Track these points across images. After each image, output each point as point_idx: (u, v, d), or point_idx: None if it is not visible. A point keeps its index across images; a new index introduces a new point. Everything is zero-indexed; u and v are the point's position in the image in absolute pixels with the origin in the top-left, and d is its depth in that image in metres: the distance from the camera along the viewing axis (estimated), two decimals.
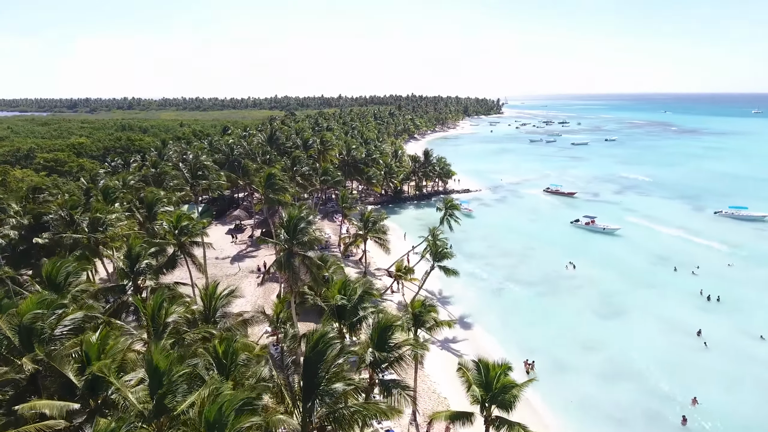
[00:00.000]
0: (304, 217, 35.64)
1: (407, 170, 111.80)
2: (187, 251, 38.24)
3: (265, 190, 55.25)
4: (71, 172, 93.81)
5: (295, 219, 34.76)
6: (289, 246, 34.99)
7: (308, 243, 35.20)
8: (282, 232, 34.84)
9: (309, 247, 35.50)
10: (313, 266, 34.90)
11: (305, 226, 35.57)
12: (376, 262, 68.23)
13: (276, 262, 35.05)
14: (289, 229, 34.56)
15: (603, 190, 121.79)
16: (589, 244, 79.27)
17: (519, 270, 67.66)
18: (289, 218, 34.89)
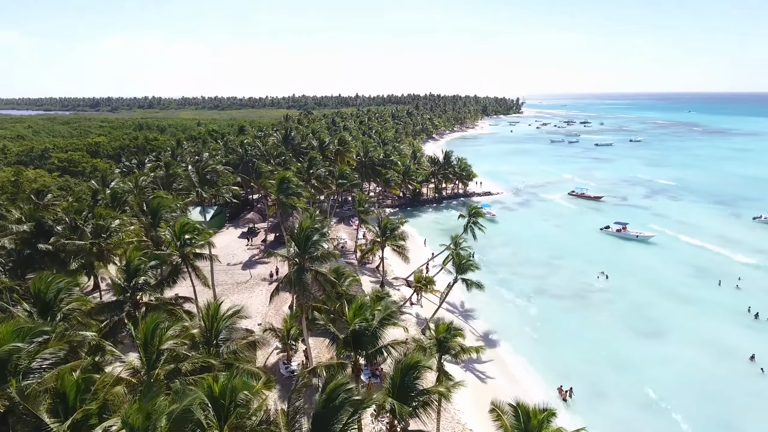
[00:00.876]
0: (317, 229, 32.36)
1: (426, 172, 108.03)
2: (191, 264, 35.29)
3: (278, 194, 52.19)
4: (85, 173, 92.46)
5: (306, 230, 31.50)
6: (300, 260, 31.76)
7: (321, 257, 31.87)
8: (292, 246, 31.59)
9: (322, 261, 32.18)
10: (327, 283, 31.61)
11: (318, 239, 32.29)
12: (394, 271, 64.81)
13: (286, 277, 31.85)
14: (300, 241, 31.32)
15: (631, 193, 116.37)
16: (621, 252, 74.63)
17: (546, 281, 63.50)
18: (301, 229, 31.64)
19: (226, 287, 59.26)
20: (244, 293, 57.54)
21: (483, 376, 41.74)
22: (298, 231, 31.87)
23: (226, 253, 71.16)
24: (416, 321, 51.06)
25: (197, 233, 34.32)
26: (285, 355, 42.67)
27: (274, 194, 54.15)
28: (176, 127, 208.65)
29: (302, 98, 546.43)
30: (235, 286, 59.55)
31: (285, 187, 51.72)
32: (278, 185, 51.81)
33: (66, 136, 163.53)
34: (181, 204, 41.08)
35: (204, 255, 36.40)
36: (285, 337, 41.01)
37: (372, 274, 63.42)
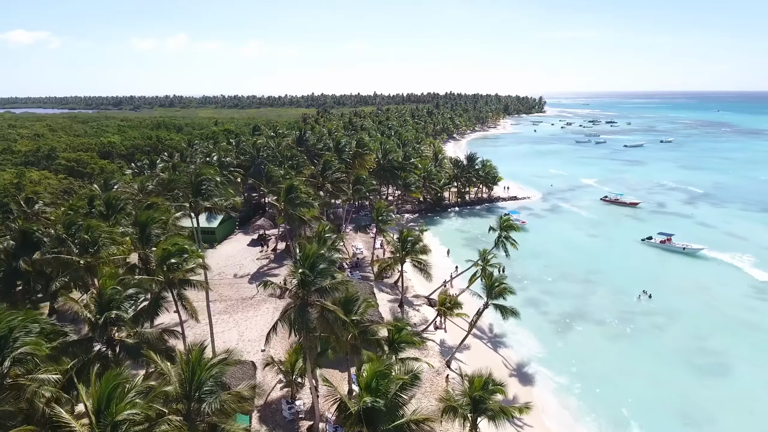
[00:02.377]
0: (324, 255, 26.62)
1: (448, 175, 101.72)
2: (178, 292, 29.98)
3: (285, 204, 46.74)
4: (92, 174, 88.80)
5: (312, 258, 25.85)
6: (303, 295, 26.12)
7: (329, 289, 26.14)
8: (296, 275, 25.91)
9: (331, 293, 26.44)
10: (337, 322, 25.88)
11: (326, 267, 26.57)
12: (415, 287, 58.88)
13: (285, 315, 26.19)
14: (303, 271, 25.66)
15: (668, 200, 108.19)
16: (667, 268, 67.41)
17: (584, 300, 56.84)
18: (305, 256, 26.01)
19: (230, 303, 54.17)
20: (249, 311, 52.32)
21: (519, 424, 35.53)
22: (301, 257, 26.26)
23: (234, 264, 66.28)
24: (440, 349, 45.09)
25: (185, 255, 28.99)
26: (289, 391, 37.21)
27: (280, 204, 48.64)
28: (192, 126, 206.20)
29: (321, 97, 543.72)
30: (240, 302, 54.37)
31: (293, 198, 46.20)
32: (285, 194, 46.31)
33: (81, 135, 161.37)
34: (172, 218, 35.85)
35: (193, 282, 30.97)
36: (289, 372, 35.52)
37: (390, 291, 57.58)
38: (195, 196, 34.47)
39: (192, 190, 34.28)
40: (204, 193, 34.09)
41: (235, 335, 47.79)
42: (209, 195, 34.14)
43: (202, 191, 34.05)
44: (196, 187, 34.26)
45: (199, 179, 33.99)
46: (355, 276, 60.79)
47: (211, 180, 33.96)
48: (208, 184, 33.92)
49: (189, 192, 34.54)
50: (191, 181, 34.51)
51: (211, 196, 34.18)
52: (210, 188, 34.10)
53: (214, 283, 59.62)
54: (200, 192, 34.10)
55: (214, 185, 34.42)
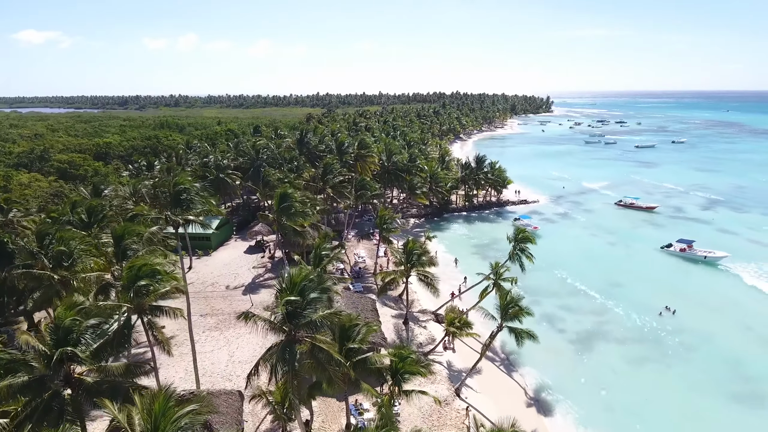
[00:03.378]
0: (315, 281, 22.59)
1: (455, 178, 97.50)
2: (148, 320, 26.08)
3: (277, 214, 42.80)
4: (85, 176, 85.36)
5: (300, 284, 21.88)
6: (289, 329, 22.16)
7: (320, 323, 22.16)
8: (280, 306, 21.93)
9: (322, 328, 22.46)
10: (330, 362, 21.88)
11: (318, 296, 22.59)
12: (421, 301, 54.81)
13: (267, 355, 22.14)
14: (290, 300, 21.72)
15: (686, 204, 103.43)
16: (690, 278, 63.02)
17: (605, 317, 52.55)
18: (292, 283, 22.04)
19: (222, 318, 50.36)
20: (241, 327, 48.21)
21: None
22: (287, 284, 22.29)
23: (228, 273, 62.57)
24: (448, 374, 41.04)
25: (159, 276, 25.12)
26: (279, 423, 33.27)
27: (272, 215, 44.66)
28: (195, 126, 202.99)
29: (326, 96, 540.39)
30: (232, 317, 50.42)
31: (286, 206, 42.22)
32: (278, 203, 42.32)
33: (79, 135, 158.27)
34: (148, 232, 31.94)
35: (166, 309, 27.02)
36: (279, 406, 31.57)
37: (394, 305, 53.57)
38: (174, 207, 30.62)
39: (170, 200, 30.44)
40: (183, 203, 30.28)
41: (224, 355, 43.94)
42: (189, 206, 30.33)
43: (182, 202, 30.23)
44: (174, 197, 30.39)
45: (177, 189, 30.09)
46: (356, 287, 56.88)
47: (191, 189, 30.07)
48: (188, 194, 30.08)
49: (167, 203, 30.73)
50: (169, 191, 30.61)
51: (190, 207, 30.37)
52: (190, 198, 30.28)
53: (206, 294, 56.00)
54: (179, 203, 30.30)
55: (194, 194, 30.55)
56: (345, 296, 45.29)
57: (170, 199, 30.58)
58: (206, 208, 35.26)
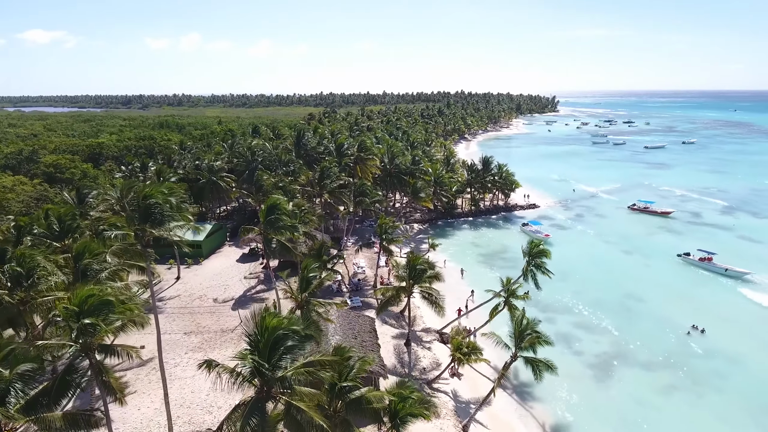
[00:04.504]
0: (290, 333, 17.98)
1: (461, 181, 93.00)
2: (97, 363, 21.75)
3: (264, 226, 38.54)
4: (72, 179, 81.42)
5: (273, 333, 17.53)
6: (260, 385, 17.86)
7: (300, 378, 17.86)
8: (247, 360, 17.63)
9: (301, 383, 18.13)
10: (312, 427, 17.53)
11: (295, 345, 18.26)
12: (424, 317, 50.42)
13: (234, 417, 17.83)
14: (262, 352, 17.44)
15: (703, 208, 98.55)
16: (713, 293, 58.30)
17: (626, 337, 48.02)
18: (263, 330, 17.72)
19: (207, 337, 46.19)
20: (228, 347, 44.21)
21: None
22: (259, 332, 17.97)
23: (218, 284, 58.41)
24: (455, 407, 36.66)
25: (111, 310, 20.86)
26: None
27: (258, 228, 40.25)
28: (195, 125, 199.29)
29: (330, 96, 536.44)
30: (218, 336, 46.37)
31: (273, 219, 37.90)
32: (265, 215, 38.06)
33: (76, 135, 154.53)
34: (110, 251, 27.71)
35: (118, 349, 22.74)
36: None
37: (395, 322, 49.22)
38: (142, 223, 26.42)
39: (139, 215, 26.25)
40: (153, 218, 26.10)
41: (207, 382, 39.69)
42: (161, 221, 26.18)
43: (152, 216, 26.06)
44: (143, 211, 26.19)
45: (147, 202, 25.86)
46: (354, 301, 52.63)
47: (163, 203, 25.83)
48: (160, 208, 25.87)
49: (135, 217, 26.54)
50: (138, 205, 26.38)
51: (162, 223, 26.21)
52: (163, 212, 26.05)
53: (192, 309, 51.85)
54: (149, 218, 26.11)
55: (168, 208, 26.34)
56: (341, 315, 41.09)
57: (138, 213, 26.36)
58: (181, 224, 30.86)
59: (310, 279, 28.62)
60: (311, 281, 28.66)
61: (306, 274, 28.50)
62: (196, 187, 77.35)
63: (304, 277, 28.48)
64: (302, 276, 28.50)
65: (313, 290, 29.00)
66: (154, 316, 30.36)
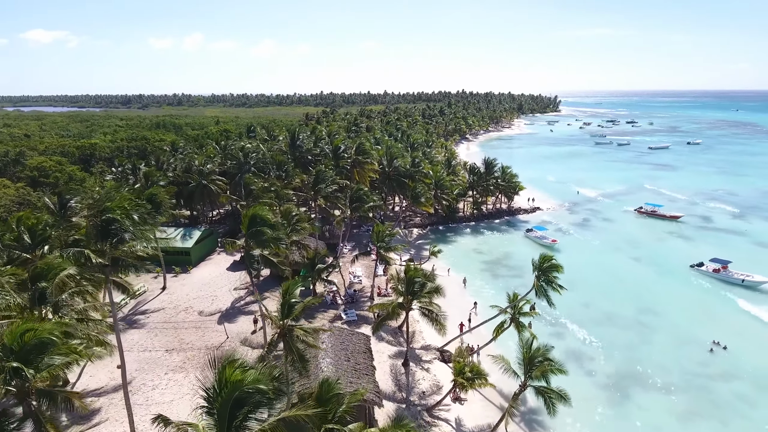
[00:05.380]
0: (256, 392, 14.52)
1: (463, 185, 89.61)
2: (35, 410, 18.44)
3: (246, 239, 35.21)
4: (57, 183, 78.20)
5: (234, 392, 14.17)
6: None
7: None
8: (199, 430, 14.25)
9: None
10: None
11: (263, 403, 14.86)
12: (424, 333, 47.06)
13: None
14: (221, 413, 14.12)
15: (713, 212, 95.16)
16: (731, 306, 54.81)
17: (641, 353, 44.67)
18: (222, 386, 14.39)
19: (191, 355, 42.93)
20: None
21: None
22: (218, 385, 14.70)
23: (205, 295, 55.13)
24: None
25: (51, 349, 17.59)
26: None
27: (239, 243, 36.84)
28: (192, 125, 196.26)
29: (330, 95, 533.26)
30: (203, 354, 43.03)
31: (254, 232, 34.53)
32: (247, 226, 34.71)
33: (71, 135, 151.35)
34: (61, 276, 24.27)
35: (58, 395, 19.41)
36: None
37: (393, 339, 45.91)
38: (101, 240, 23.20)
39: (96, 232, 23.02)
40: (113, 236, 22.89)
41: (186, 407, 36.23)
42: (121, 239, 22.98)
43: (111, 234, 22.85)
44: (102, 228, 22.94)
45: (105, 218, 22.59)
46: (350, 315, 49.36)
47: (123, 220, 22.60)
48: (120, 224, 22.64)
49: (92, 235, 23.34)
50: (95, 220, 23.10)
51: (123, 241, 23.02)
52: (124, 228, 22.83)
53: (176, 323, 48.55)
54: (108, 235, 22.90)
55: (130, 225, 23.12)
56: (333, 334, 37.77)
57: (97, 229, 23.16)
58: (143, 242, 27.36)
59: (293, 304, 25.36)
60: (294, 306, 25.40)
61: (288, 298, 25.24)
62: (187, 190, 74.23)
63: (286, 302, 25.23)
64: (284, 300, 25.26)
65: (296, 315, 25.71)
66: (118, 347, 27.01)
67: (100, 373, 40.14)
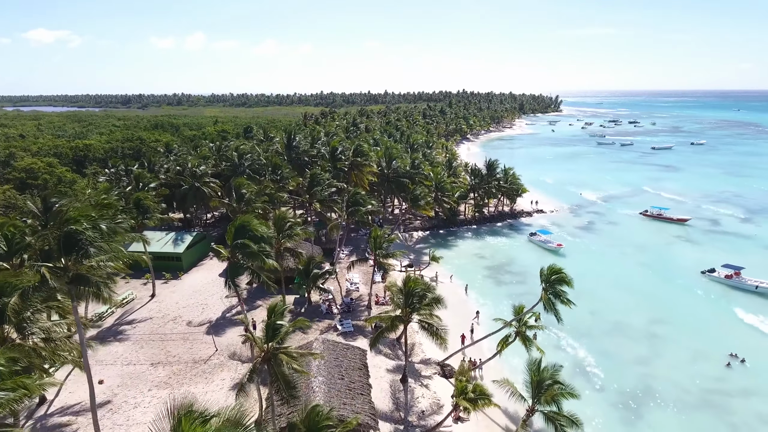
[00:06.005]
0: None
1: (464, 187, 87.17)
2: None
3: (231, 250, 32.75)
4: (46, 185, 75.89)
5: None
6: None
7: None
8: None
9: None
10: None
11: None
12: (423, 346, 44.62)
13: None
14: None
15: (720, 214, 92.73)
16: (746, 315, 52.35)
17: (653, 367, 42.28)
18: None
19: (177, 369, 40.55)
20: (199, 383, 38.62)
21: None
22: None
23: (195, 304, 52.81)
24: None
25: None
26: None
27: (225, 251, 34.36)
28: (190, 125, 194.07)
29: (330, 95, 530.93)
30: (189, 368, 40.73)
31: (240, 244, 32.01)
32: (232, 237, 32.22)
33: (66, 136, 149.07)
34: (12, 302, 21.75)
35: None
36: None
37: (391, 351, 43.49)
38: (63, 255, 20.83)
39: (57, 246, 20.69)
40: (77, 250, 20.59)
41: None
42: (85, 253, 20.68)
43: (74, 247, 20.52)
44: (64, 241, 20.63)
45: (67, 231, 20.25)
46: (345, 325, 46.98)
47: (87, 231, 20.28)
48: (83, 237, 20.32)
49: (54, 249, 21.00)
50: (57, 234, 20.77)
51: (88, 255, 20.71)
52: (90, 242, 20.50)
53: (163, 335, 46.19)
54: (71, 249, 20.56)
55: (97, 236, 20.81)
56: (326, 349, 35.42)
57: (58, 243, 20.83)
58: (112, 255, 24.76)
59: (278, 327, 23.00)
60: (278, 329, 23.05)
61: (273, 319, 22.90)
62: (179, 193, 71.97)
63: (270, 324, 22.88)
64: (269, 322, 22.91)
65: (281, 338, 23.31)
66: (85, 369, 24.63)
67: (80, 389, 37.77)
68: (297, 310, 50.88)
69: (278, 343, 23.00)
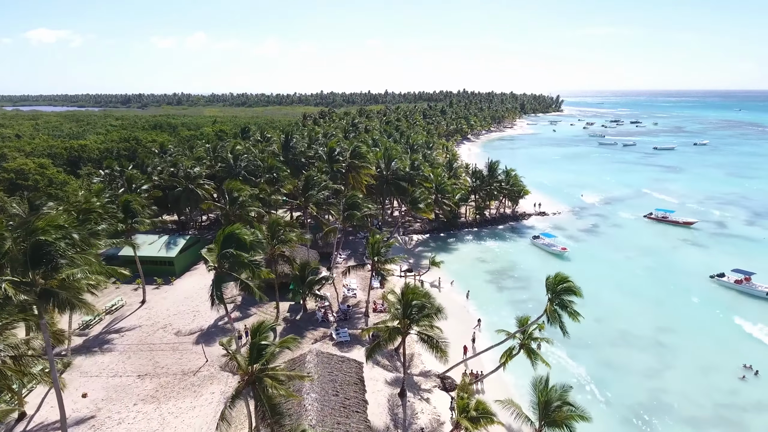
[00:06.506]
0: None
1: (465, 189, 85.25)
2: None
3: (218, 260, 30.95)
4: (36, 186, 74.05)
5: None
6: None
7: None
8: None
9: None
10: None
11: None
12: (423, 357, 42.72)
13: None
14: None
15: (727, 217, 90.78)
16: (759, 323, 50.48)
17: (662, 380, 40.42)
18: None
19: (164, 382, 38.69)
20: (187, 396, 36.77)
21: None
22: None
23: (186, 311, 50.93)
24: None
25: None
26: None
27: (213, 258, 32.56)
28: (188, 125, 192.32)
29: (330, 95, 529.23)
30: (178, 381, 38.88)
31: (228, 254, 30.17)
32: (220, 246, 30.41)
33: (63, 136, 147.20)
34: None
35: None
36: None
37: (389, 363, 41.64)
38: (30, 269, 19.05)
39: (23, 260, 18.94)
40: (46, 263, 18.83)
41: None
42: (55, 266, 18.93)
43: (43, 260, 18.77)
44: (32, 253, 18.84)
45: (35, 242, 18.45)
46: (341, 335, 45.09)
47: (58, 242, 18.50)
48: (53, 247, 18.53)
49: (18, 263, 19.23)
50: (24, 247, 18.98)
51: (58, 268, 18.97)
52: (60, 254, 18.75)
53: (152, 345, 44.33)
54: (40, 261, 18.81)
55: (68, 248, 19.07)
56: (320, 363, 33.54)
57: (25, 255, 19.07)
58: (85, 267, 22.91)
59: (262, 347, 21.13)
60: (263, 350, 21.17)
61: (257, 339, 21.03)
62: (172, 195, 70.11)
63: (255, 344, 21.02)
64: (253, 342, 21.05)
65: (267, 360, 21.43)
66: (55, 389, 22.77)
67: (64, 402, 35.97)
68: (292, 317, 49.08)
69: (263, 364, 21.16)
